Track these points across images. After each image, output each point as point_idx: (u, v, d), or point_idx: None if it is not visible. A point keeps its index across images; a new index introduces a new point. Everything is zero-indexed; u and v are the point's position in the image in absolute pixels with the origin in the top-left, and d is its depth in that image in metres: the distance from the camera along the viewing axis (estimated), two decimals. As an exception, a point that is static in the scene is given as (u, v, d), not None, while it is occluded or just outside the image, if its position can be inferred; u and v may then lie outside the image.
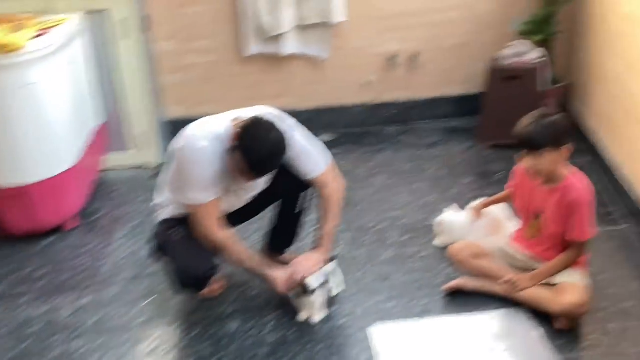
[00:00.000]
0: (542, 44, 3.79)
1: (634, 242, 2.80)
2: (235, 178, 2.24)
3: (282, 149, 2.15)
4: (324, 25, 3.83)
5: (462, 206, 2.89)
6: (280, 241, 2.70)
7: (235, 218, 2.51)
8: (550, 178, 2.34)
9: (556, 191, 2.34)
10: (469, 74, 4.09)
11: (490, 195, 2.78)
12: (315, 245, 2.48)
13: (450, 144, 3.89)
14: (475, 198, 2.89)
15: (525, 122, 2.30)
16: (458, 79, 4.13)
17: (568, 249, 2.37)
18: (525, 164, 2.33)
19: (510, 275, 2.40)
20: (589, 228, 2.32)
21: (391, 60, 4.02)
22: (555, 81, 3.87)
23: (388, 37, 3.98)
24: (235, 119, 2.22)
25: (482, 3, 3.91)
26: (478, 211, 2.73)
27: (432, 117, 4.19)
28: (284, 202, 2.57)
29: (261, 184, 2.41)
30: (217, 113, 2.34)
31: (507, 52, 3.70)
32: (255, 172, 2.15)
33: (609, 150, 3.34)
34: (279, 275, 2.37)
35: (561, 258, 2.37)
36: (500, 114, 3.68)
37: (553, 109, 3.82)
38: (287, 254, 2.71)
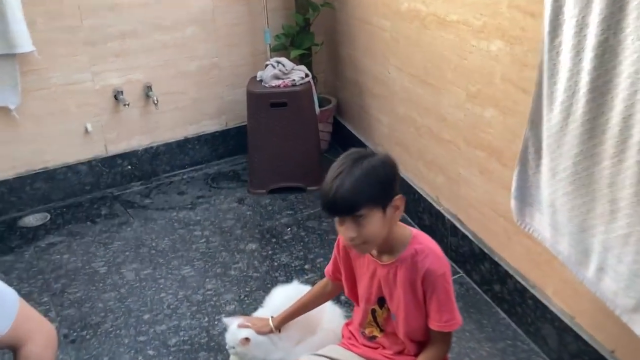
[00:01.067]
0: (302, 59, 3.11)
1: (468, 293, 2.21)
2: None
3: None
4: (5, 59, 2.58)
5: (251, 295, 2.00)
6: None
7: None
8: (385, 248, 1.57)
9: (401, 263, 1.58)
10: (222, 105, 3.24)
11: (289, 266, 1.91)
12: None
13: (216, 198, 2.96)
14: (268, 274, 2.00)
15: (330, 176, 1.49)
16: (209, 112, 3.24)
17: (431, 343, 1.63)
18: (341, 236, 1.53)
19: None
20: (456, 310, 1.60)
21: (115, 98, 2.94)
22: (323, 101, 3.23)
23: (105, 67, 2.89)
24: None
25: (222, 13, 3.06)
26: (278, 328, 1.84)
27: (184, 166, 3.23)
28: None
29: None
30: None
31: (265, 73, 2.91)
32: None
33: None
34: None
35: (426, 358, 1.61)
36: (271, 150, 2.88)
37: (327, 137, 3.23)
38: None
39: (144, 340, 2.07)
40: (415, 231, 1.62)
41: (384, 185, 1.48)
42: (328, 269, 1.79)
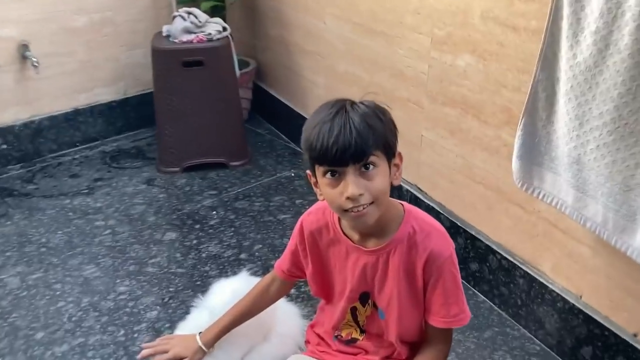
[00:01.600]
0: (213, 14, 2.64)
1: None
2: None
3: None
4: None
5: (177, 296, 1.55)
6: None
7: None
8: (373, 228, 1.19)
9: (395, 246, 1.21)
10: (119, 69, 2.70)
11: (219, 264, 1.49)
12: None
13: (119, 180, 2.44)
14: (196, 269, 1.57)
15: (322, 118, 1.10)
16: (103, 78, 2.69)
17: (428, 344, 1.28)
18: (331, 198, 1.13)
19: None
20: (465, 300, 1.27)
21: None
22: (240, 63, 2.79)
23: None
24: None
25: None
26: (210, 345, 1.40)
27: (75, 144, 2.68)
28: None
29: None
30: None
31: (173, 27, 2.42)
32: None
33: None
34: None
35: None
36: (185, 119, 2.41)
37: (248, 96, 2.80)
38: None
39: (39, 367, 1.57)
40: (408, 205, 1.26)
41: (392, 128, 1.14)
42: (280, 265, 1.39)
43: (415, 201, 1.96)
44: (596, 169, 1.21)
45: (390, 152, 1.13)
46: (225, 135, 2.51)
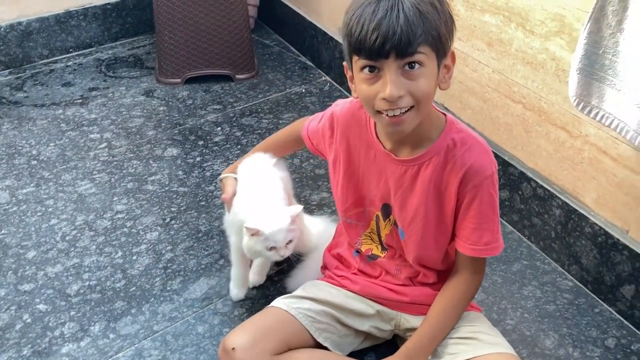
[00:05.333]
0: None
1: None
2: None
3: None
4: None
5: (180, 217, 1.41)
6: None
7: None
8: (409, 136, 1.03)
9: (430, 157, 1.06)
10: (114, -35, 2.45)
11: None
12: None
13: (115, 90, 2.25)
14: (200, 188, 1.44)
15: (364, 1, 0.93)
16: (97, -24, 2.44)
17: (457, 273, 1.16)
18: (366, 97, 0.97)
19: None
20: (499, 229, 1.13)
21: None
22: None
23: None
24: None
25: None
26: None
27: (68, 49, 2.46)
28: None
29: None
30: None
31: None
32: None
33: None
34: None
35: (451, 296, 1.15)
36: (188, 27, 2.20)
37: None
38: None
39: (30, 289, 1.44)
40: (451, 117, 1.10)
41: (448, 21, 0.95)
42: (309, 132, 1.27)
43: (441, 122, 1.79)
44: (674, 86, 1.03)
45: (442, 49, 0.96)
46: (230, 45, 2.29)
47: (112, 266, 1.51)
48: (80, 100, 2.18)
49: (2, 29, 2.29)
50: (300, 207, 1.25)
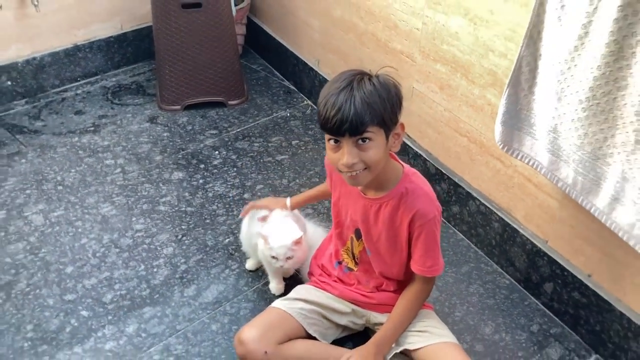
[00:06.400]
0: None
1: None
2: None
3: None
4: None
5: (190, 233, 1.75)
6: None
7: None
8: (373, 183, 1.41)
9: (388, 200, 1.43)
10: (114, 4, 2.76)
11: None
12: None
13: (122, 117, 2.57)
14: (204, 208, 1.77)
15: (332, 91, 1.30)
16: (99, 14, 2.75)
17: (413, 283, 1.53)
18: (337, 163, 1.35)
19: (347, 354, 1.47)
20: (440, 255, 1.49)
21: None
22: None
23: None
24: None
25: None
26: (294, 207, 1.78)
27: (77, 78, 2.77)
28: None
29: None
30: None
31: (171, -34, 2.45)
32: None
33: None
34: None
35: (409, 300, 1.52)
36: (185, 59, 2.52)
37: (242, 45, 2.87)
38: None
39: (73, 299, 1.78)
40: (407, 168, 1.46)
41: (393, 105, 1.32)
42: (327, 182, 1.65)
43: (405, 147, 2.15)
44: (570, 138, 1.39)
45: (387, 127, 1.31)
46: (223, 74, 2.62)
47: (137, 278, 1.85)
48: (92, 128, 2.49)
49: (19, 64, 2.59)
50: (301, 233, 1.61)
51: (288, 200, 1.74)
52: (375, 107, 1.27)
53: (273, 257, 1.62)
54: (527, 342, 1.68)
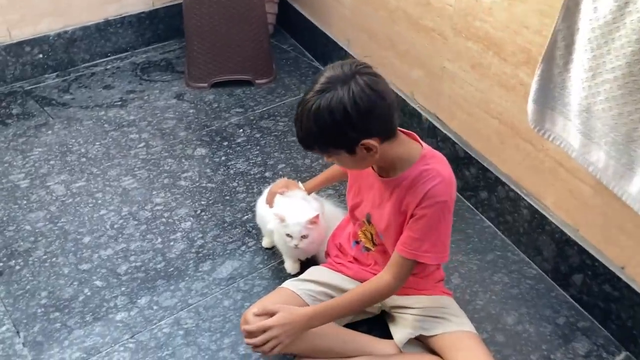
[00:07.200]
0: None
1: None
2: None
3: None
4: None
5: (209, 209, 1.72)
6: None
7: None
8: (386, 166, 1.35)
9: (400, 182, 1.34)
10: (148, -20, 2.74)
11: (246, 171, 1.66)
12: None
13: (150, 93, 2.55)
14: (225, 184, 1.73)
15: (302, 99, 1.25)
16: (133, -10, 2.73)
17: (384, 274, 1.38)
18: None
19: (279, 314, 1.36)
20: (443, 244, 1.37)
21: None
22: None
23: None
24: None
25: None
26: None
27: (107, 54, 2.77)
28: None
29: None
30: None
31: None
32: None
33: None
34: None
35: (368, 291, 1.38)
36: (214, 37, 2.48)
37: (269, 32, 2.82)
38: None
39: (88, 268, 1.77)
40: (427, 150, 1.37)
41: (339, 130, 1.21)
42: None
43: (433, 130, 2.07)
44: (603, 119, 1.30)
45: (343, 146, 1.24)
46: (251, 53, 2.58)
47: (153, 250, 1.83)
48: (119, 103, 2.49)
49: (50, 37, 2.60)
50: (318, 212, 1.56)
51: (301, 185, 1.70)
52: (311, 138, 1.25)
53: (288, 235, 1.57)
54: (552, 335, 1.59)
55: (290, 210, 1.57)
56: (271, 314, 1.35)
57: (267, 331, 1.32)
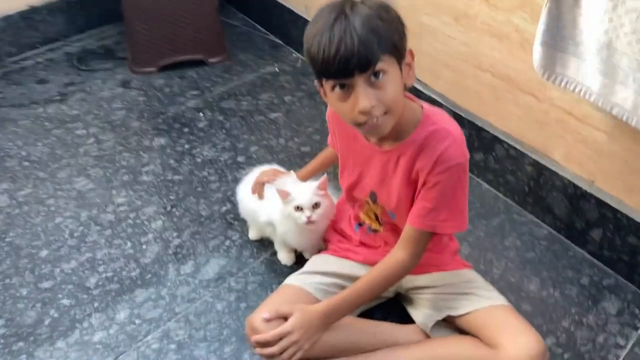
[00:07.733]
0: None
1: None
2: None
3: None
4: None
5: (180, 204, 1.51)
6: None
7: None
8: (394, 129, 1.13)
9: (408, 147, 1.17)
10: (75, -42, 2.44)
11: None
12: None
13: (91, 83, 2.28)
14: (194, 175, 1.55)
15: (323, 24, 1.01)
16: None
17: (397, 252, 1.23)
18: (342, 113, 1.09)
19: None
20: (462, 212, 1.22)
21: None
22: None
23: None
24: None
25: None
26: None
27: (35, 45, 2.47)
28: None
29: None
30: None
31: None
32: None
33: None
34: None
35: (383, 272, 1.23)
36: (158, 14, 2.24)
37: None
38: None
39: (50, 286, 1.52)
40: (428, 107, 1.21)
41: (399, 27, 1.05)
42: (330, 140, 1.42)
43: (416, 93, 1.91)
44: (630, 54, 1.17)
45: (399, 53, 1.06)
46: (200, 29, 2.34)
47: (124, 257, 1.60)
48: (58, 97, 2.21)
49: (-32, 31, 2.28)
50: (325, 176, 1.37)
51: (293, 174, 1.50)
52: (382, 30, 1.01)
53: (297, 208, 1.35)
54: (579, 297, 1.48)
55: (293, 186, 1.38)
56: (285, 318, 1.16)
57: (283, 338, 1.13)
